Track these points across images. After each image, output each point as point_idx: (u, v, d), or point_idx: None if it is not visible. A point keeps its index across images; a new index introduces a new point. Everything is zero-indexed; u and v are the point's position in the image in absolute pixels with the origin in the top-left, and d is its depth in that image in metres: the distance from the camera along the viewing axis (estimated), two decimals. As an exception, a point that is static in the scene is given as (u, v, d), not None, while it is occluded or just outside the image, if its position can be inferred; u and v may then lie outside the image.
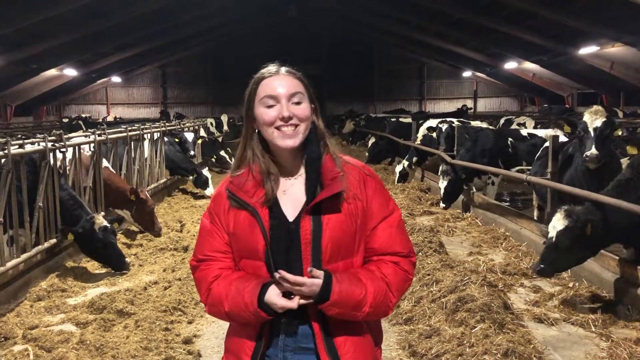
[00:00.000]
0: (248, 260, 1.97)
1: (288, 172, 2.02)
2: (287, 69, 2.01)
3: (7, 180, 5.57)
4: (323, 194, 1.91)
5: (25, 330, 4.83)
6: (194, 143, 13.59)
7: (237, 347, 1.98)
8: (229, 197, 1.99)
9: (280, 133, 1.93)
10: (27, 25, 16.34)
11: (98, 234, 6.28)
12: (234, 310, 1.91)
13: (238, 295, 1.89)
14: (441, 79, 35.63)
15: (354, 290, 1.87)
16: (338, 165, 1.99)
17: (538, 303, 5.35)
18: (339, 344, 1.91)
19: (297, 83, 1.98)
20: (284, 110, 1.93)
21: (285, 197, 1.98)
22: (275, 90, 1.95)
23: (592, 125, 6.00)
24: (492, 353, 3.90)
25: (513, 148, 9.68)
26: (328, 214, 1.92)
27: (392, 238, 2.00)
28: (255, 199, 1.95)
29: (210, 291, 1.97)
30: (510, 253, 7.01)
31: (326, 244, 1.91)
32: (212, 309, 1.98)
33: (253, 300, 1.86)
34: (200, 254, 2.04)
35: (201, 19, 24.07)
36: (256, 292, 1.87)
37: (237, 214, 1.97)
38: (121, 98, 35.50)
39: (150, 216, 7.88)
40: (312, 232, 1.90)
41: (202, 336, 4.76)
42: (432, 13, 22.55)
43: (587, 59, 20.06)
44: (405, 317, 4.90)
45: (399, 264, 1.99)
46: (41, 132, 12.87)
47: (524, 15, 18.96)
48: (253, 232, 1.93)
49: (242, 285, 1.91)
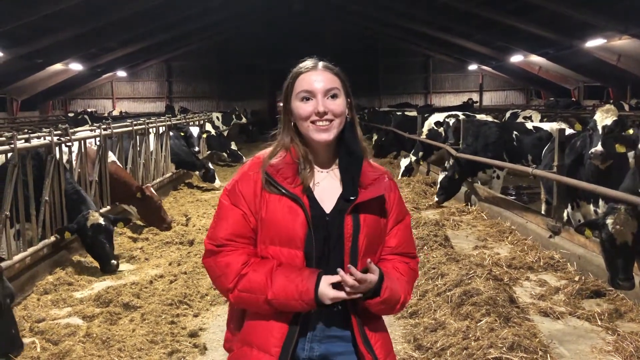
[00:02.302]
0: (283, 248, 1.95)
1: (321, 165, 2.04)
2: (324, 64, 2.04)
3: (14, 174, 5.60)
4: (368, 194, 1.98)
5: (32, 323, 4.86)
6: (199, 138, 13.61)
7: (263, 338, 1.95)
8: (266, 181, 1.97)
9: (315, 127, 1.97)
10: (33, 20, 16.36)
11: (88, 231, 6.23)
12: (280, 298, 1.89)
13: (289, 284, 1.88)
14: (447, 72, 35.46)
15: (397, 288, 1.97)
16: (375, 167, 2.08)
17: (544, 297, 5.34)
18: (370, 336, 1.99)
19: (333, 78, 2.01)
20: (320, 105, 1.96)
21: (318, 189, 2.00)
22: (311, 86, 1.98)
23: (601, 124, 5.92)
24: (498, 347, 3.89)
25: (518, 141, 9.65)
26: (365, 212, 1.98)
27: (406, 239, 2.11)
28: (294, 186, 1.96)
29: (242, 277, 1.94)
30: (516, 247, 7.00)
31: (362, 241, 1.97)
32: (243, 295, 1.94)
33: (310, 289, 1.86)
34: (223, 237, 1.99)
35: (206, 13, 24.02)
36: (313, 281, 1.87)
37: (273, 199, 1.96)
38: (126, 92, 35.52)
39: (158, 212, 7.88)
40: (353, 228, 1.96)
41: (207, 329, 4.77)
42: (437, 6, 22.43)
43: (594, 52, 19.93)
44: (411, 310, 4.90)
45: (409, 264, 2.10)
46: (47, 126, 12.91)
47: (530, 8, 18.82)
48: (294, 220, 1.93)
49: (291, 274, 1.89)
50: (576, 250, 6.16)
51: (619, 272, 4.71)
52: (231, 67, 33.88)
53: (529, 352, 3.89)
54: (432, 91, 35.51)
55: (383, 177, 2.06)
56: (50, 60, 21.73)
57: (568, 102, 24.79)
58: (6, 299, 3.10)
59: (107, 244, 6.32)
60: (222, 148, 16.26)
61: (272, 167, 1.98)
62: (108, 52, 25.54)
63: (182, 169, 12.40)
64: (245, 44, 32.66)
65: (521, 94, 35.19)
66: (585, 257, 5.94)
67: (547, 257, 6.38)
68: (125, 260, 6.88)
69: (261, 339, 1.95)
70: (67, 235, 6.32)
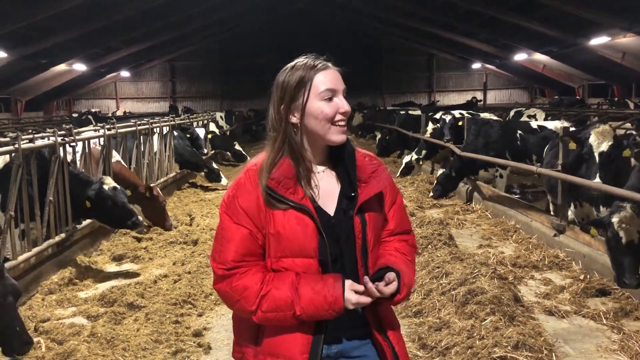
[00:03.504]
0: (296, 259, 1.89)
1: (315, 166, 2.00)
2: (332, 63, 1.98)
3: (18, 174, 5.61)
4: (370, 190, 1.96)
5: (37, 323, 4.87)
6: (206, 139, 13.64)
7: (290, 349, 1.89)
8: (270, 195, 1.88)
9: (337, 128, 1.92)
10: (37, 20, 16.40)
11: (108, 192, 6.28)
12: (309, 311, 1.84)
13: (316, 296, 1.83)
14: (450, 71, 35.41)
15: (411, 278, 2.00)
16: (367, 158, 2.04)
17: (549, 295, 5.32)
18: (389, 334, 1.99)
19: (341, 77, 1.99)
20: (345, 105, 1.93)
21: (317, 191, 1.95)
22: (335, 84, 1.93)
23: (597, 150, 5.81)
24: (502, 345, 3.88)
25: (522, 140, 9.60)
26: (368, 207, 1.97)
27: (402, 218, 2.12)
28: (297, 196, 1.90)
29: (264, 297, 1.86)
30: (521, 245, 6.98)
31: (370, 237, 1.97)
32: (270, 315, 1.87)
33: (338, 299, 1.83)
34: (233, 260, 1.90)
35: (209, 12, 24.05)
36: (340, 290, 1.83)
37: (278, 214, 1.88)
38: (130, 92, 35.59)
39: (162, 212, 7.89)
40: (361, 225, 1.94)
41: (212, 329, 4.78)
42: (440, 4, 22.40)
43: (598, 50, 19.84)
44: (415, 309, 4.89)
45: (408, 241, 2.12)
46: (51, 126, 12.94)
47: (534, 6, 18.76)
48: (305, 230, 1.87)
49: (317, 285, 1.85)
50: (581, 248, 6.14)
51: (625, 271, 4.69)
52: (235, 66, 33.90)
53: (533, 351, 3.87)
54: (436, 90, 35.47)
55: (381, 169, 2.04)
56: (54, 60, 21.79)
57: (572, 100, 24.71)
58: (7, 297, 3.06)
59: (127, 203, 6.38)
60: (226, 147, 16.29)
61: (273, 181, 1.89)
62: (111, 52, 25.59)
63: (186, 169, 12.42)
64: (249, 43, 32.66)
65: (525, 92, 35.11)
66: (590, 256, 5.92)
67: (552, 255, 6.36)
68: (130, 260, 6.90)
69: (287, 349, 1.90)
70: (88, 203, 6.31)
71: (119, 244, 7.42)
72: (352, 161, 1.98)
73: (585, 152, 5.97)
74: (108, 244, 7.43)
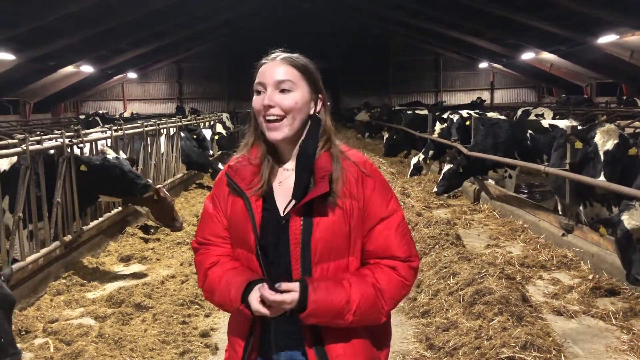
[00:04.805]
0: (243, 251, 1.92)
1: (285, 163, 1.95)
2: (285, 56, 1.93)
3: (26, 176, 5.64)
4: (311, 194, 1.81)
5: (46, 323, 4.90)
6: (212, 140, 13.65)
7: (234, 339, 1.95)
8: (227, 182, 1.95)
9: (267, 124, 1.87)
10: (44, 23, 16.48)
11: (112, 161, 6.34)
12: (222, 303, 1.89)
13: (226, 289, 1.86)
14: (457, 70, 35.29)
15: (333, 299, 1.76)
16: (335, 161, 1.87)
17: (557, 295, 5.29)
18: (329, 349, 1.83)
19: (290, 70, 1.89)
20: (266, 98, 1.87)
21: (280, 188, 1.91)
22: (263, 77, 1.90)
23: (602, 149, 5.79)
24: (511, 346, 3.86)
25: (532, 140, 9.50)
26: (319, 214, 1.82)
27: (389, 241, 1.88)
28: (250, 187, 1.89)
29: (206, 277, 1.95)
30: (529, 245, 6.95)
31: (315, 245, 1.82)
32: (207, 295, 1.97)
33: (237, 297, 1.82)
34: (201, 236, 2.03)
35: (215, 14, 24.11)
36: (241, 290, 1.81)
37: (234, 201, 1.93)
38: (137, 94, 35.72)
39: (170, 212, 7.91)
40: (302, 232, 1.82)
41: (219, 329, 4.78)
42: (447, 3, 22.32)
43: (606, 48, 19.72)
44: (423, 310, 4.87)
45: (396, 269, 1.88)
46: (59, 128, 13.00)
47: (541, 4, 18.67)
48: (245, 223, 1.88)
49: (232, 280, 1.86)
50: (590, 248, 6.10)
51: (635, 267, 4.65)
52: (241, 67, 33.66)
53: (542, 351, 3.85)
54: (443, 89, 35.34)
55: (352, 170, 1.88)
56: (61, 62, 21.90)
57: (580, 99, 24.58)
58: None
59: (132, 169, 6.46)
60: (232, 147, 16.31)
61: (231, 169, 1.95)
62: (118, 54, 25.69)
63: (193, 169, 12.44)
64: (256, 44, 32.30)
65: (533, 91, 34.95)
66: (599, 255, 5.88)
67: (560, 255, 6.33)
68: (137, 260, 6.92)
69: (233, 339, 1.96)
70: (83, 167, 6.37)
71: (126, 245, 7.45)
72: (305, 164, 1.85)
73: (590, 150, 5.94)
74: (115, 245, 7.46)
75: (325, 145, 1.91)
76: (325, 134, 1.93)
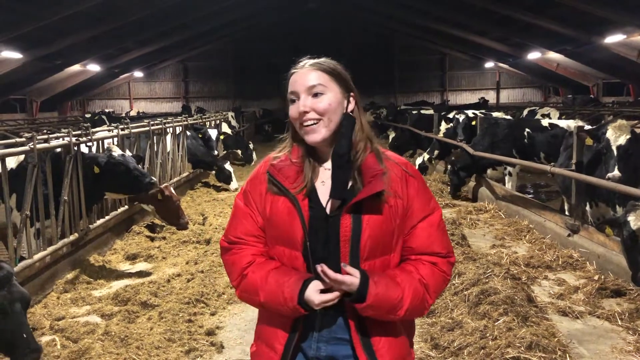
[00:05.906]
0: (285, 249, 1.94)
1: (325, 162, 2.00)
2: (313, 62, 1.97)
3: (34, 174, 5.67)
4: (364, 192, 1.88)
5: (52, 321, 4.93)
6: (217, 140, 13.68)
7: (270, 335, 1.97)
8: (269, 180, 1.97)
9: (304, 129, 1.93)
10: (51, 22, 16.54)
11: (118, 158, 6.37)
12: (270, 303, 1.89)
13: (277, 289, 1.87)
14: (463, 70, 35.20)
15: (391, 294, 1.85)
16: (380, 161, 1.95)
17: (562, 296, 5.28)
18: (374, 341, 1.91)
19: (319, 75, 1.94)
20: (300, 105, 1.92)
21: (323, 188, 1.95)
22: (295, 86, 1.95)
23: (615, 144, 5.78)
24: (516, 346, 3.86)
25: (530, 138, 9.55)
26: (368, 212, 1.89)
27: (431, 238, 1.98)
28: (295, 186, 1.93)
29: (244, 277, 1.96)
30: (534, 245, 6.93)
31: (365, 242, 1.89)
32: (244, 295, 1.98)
33: (293, 297, 1.84)
34: (233, 235, 2.03)
35: (221, 13, 24.13)
36: (297, 288, 1.84)
37: (275, 199, 1.95)
38: (143, 93, 35.79)
39: (176, 211, 7.93)
40: (352, 229, 1.88)
41: (224, 328, 4.80)
42: (453, 3, 22.28)
43: (613, 48, 19.62)
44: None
45: (437, 265, 1.98)
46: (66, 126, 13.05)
47: (547, 4, 18.60)
48: (292, 221, 1.91)
49: (282, 279, 1.88)
50: (596, 249, 6.08)
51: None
52: (247, 66, 33.94)
53: (547, 351, 3.85)
54: (448, 89, 35.27)
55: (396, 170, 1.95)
56: (68, 61, 21.98)
57: (586, 99, 24.49)
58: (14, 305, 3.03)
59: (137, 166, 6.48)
60: (238, 146, 16.32)
61: (273, 167, 1.97)
62: (125, 53, 25.76)
63: (199, 168, 12.48)
64: (262, 43, 32.68)
65: (539, 91, 34.83)
66: (605, 256, 5.86)
67: (565, 255, 6.32)
68: (143, 259, 6.95)
69: (268, 335, 1.98)
70: (96, 169, 6.40)
71: (132, 243, 7.48)
72: (340, 162, 1.90)
73: (602, 146, 5.92)
74: (122, 244, 7.49)
75: (367, 145, 1.97)
76: (365, 133, 1.99)
